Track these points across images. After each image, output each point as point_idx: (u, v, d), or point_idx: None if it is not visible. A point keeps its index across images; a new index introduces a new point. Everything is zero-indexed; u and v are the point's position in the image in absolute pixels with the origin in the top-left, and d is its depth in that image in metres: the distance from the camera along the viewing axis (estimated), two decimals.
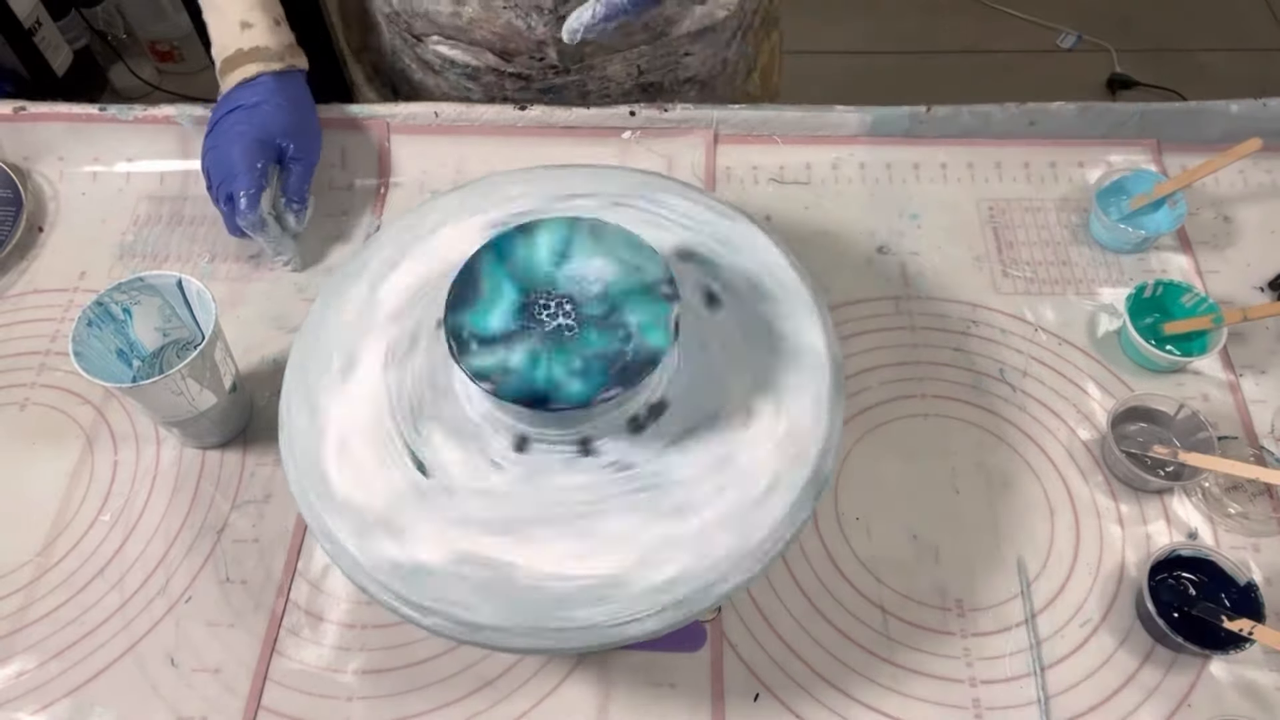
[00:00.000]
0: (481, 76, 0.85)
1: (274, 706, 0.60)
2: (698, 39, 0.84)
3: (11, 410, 0.72)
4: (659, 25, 0.81)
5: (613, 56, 0.83)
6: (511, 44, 0.80)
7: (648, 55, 0.83)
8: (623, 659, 0.61)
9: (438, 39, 0.82)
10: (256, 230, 0.73)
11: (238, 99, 0.74)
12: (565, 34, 0.62)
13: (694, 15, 0.82)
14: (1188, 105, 0.82)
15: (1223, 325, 0.69)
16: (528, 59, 0.81)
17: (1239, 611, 0.59)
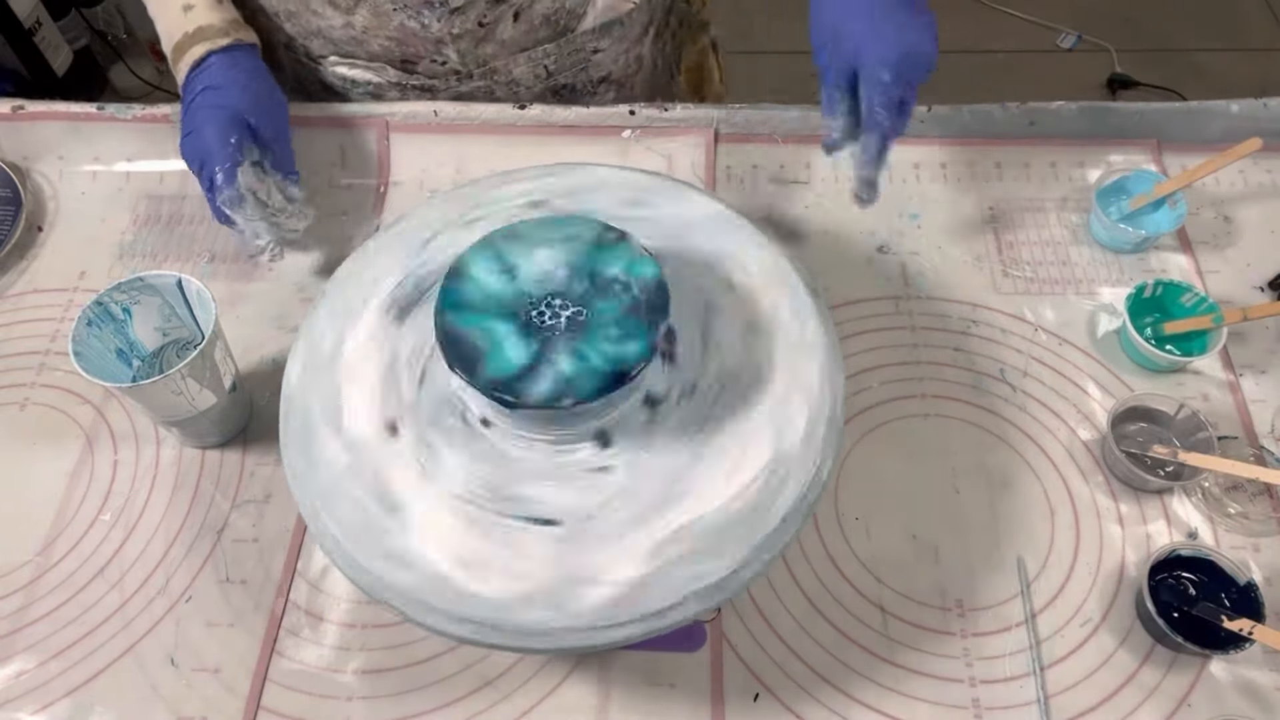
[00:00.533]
0: (386, 94, 0.84)
1: (274, 706, 0.60)
2: (604, 34, 0.83)
3: (11, 410, 0.72)
4: (562, 19, 0.80)
5: (517, 57, 0.81)
6: (409, 48, 0.79)
7: (554, 55, 0.82)
8: (623, 659, 0.61)
9: (335, 59, 0.82)
10: (235, 207, 0.70)
11: (195, 85, 0.73)
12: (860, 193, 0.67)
13: (597, 8, 0.80)
14: (1188, 105, 0.82)
15: (1223, 325, 0.69)
16: (429, 63, 0.80)
17: (1239, 611, 0.59)
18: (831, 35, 0.63)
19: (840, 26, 0.63)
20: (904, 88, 0.62)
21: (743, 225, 0.60)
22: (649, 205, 0.60)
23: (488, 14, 0.77)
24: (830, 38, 0.63)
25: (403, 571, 0.49)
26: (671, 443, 0.52)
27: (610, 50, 0.85)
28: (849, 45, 0.62)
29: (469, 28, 0.77)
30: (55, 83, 1.85)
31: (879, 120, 0.62)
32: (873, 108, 0.62)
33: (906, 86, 0.62)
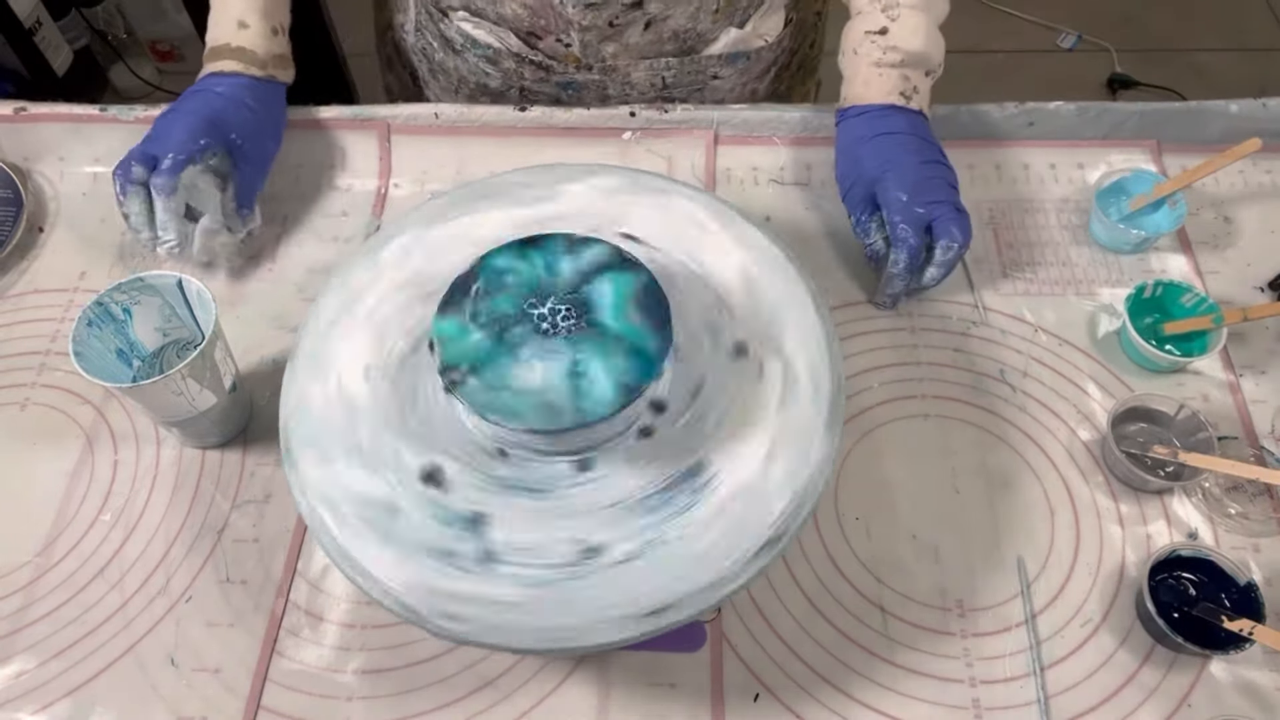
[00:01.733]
0: (502, 61, 0.84)
1: (274, 706, 0.60)
2: (728, 63, 0.84)
3: (11, 410, 0.72)
4: (690, 39, 0.81)
5: (638, 62, 0.82)
6: (540, 21, 0.79)
7: (675, 69, 0.83)
8: (623, 659, 0.61)
9: (464, 15, 0.82)
10: (164, 195, 0.71)
11: (207, 85, 0.75)
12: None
13: (729, 37, 0.82)
14: (1188, 105, 0.82)
15: (1223, 325, 0.69)
16: (553, 42, 0.81)
17: (1239, 611, 0.59)
18: (855, 173, 0.72)
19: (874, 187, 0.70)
20: (926, 205, 0.68)
21: (740, 222, 0.60)
22: (632, 209, 0.60)
23: (620, 16, 0.78)
24: (854, 176, 0.72)
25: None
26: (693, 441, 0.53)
27: (730, 79, 0.86)
28: (869, 176, 0.71)
29: (599, 24, 0.78)
30: (55, 83, 1.85)
31: (902, 235, 0.68)
32: (895, 223, 0.69)
33: (929, 204, 0.68)
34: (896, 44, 0.71)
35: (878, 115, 0.71)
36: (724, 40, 0.82)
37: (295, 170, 0.83)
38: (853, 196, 0.72)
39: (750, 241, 0.59)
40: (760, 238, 0.59)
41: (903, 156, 0.70)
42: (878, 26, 0.72)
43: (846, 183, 0.72)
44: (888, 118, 0.71)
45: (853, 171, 0.72)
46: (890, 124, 0.70)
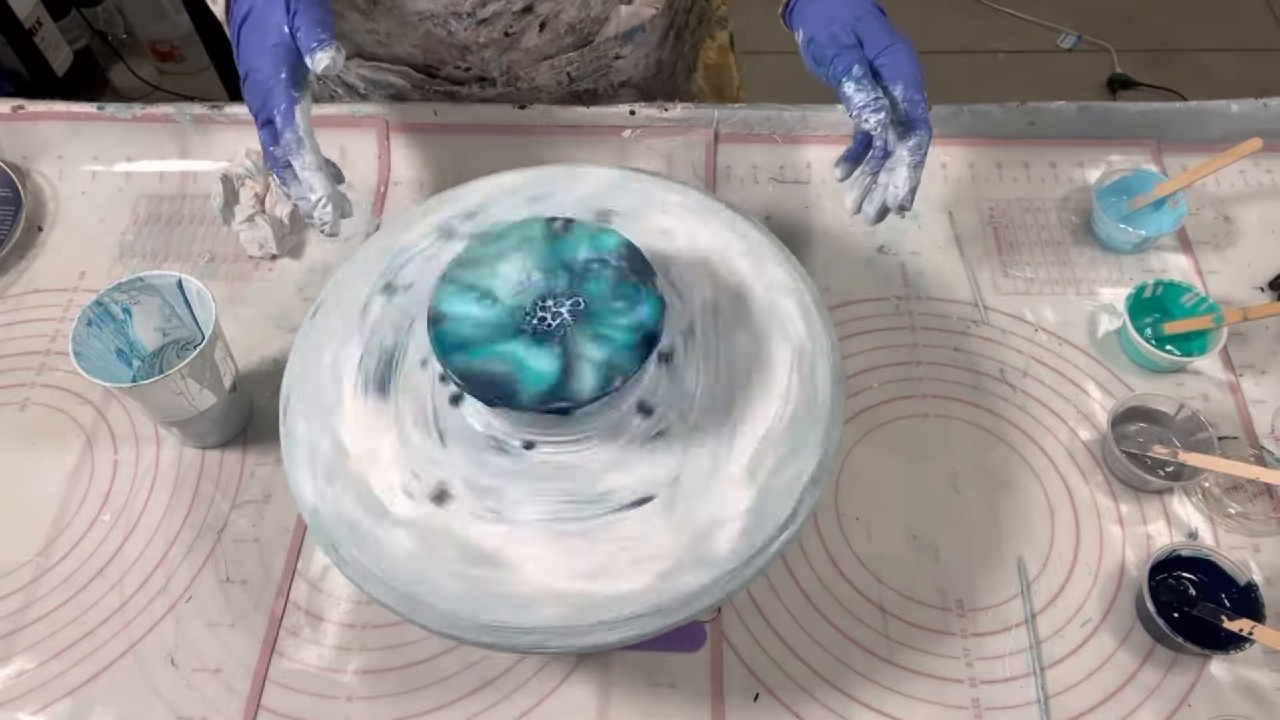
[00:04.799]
0: (407, 96, 0.84)
1: (274, 706, 0.60)
2: (626, 41, 0.83)
3: (11, 410, 0.72)
4: (586, 27, 0.80)
5: (540, 65, 0.82)
6: (434, 55, 0.79)
7: (576, 61, 0.83)
8: (623, 659, 0.61)
9: (358, 60, 0.82)
10: (295, 151, 0.59)
11: (237, 12, 0.62)
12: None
13: (620, 16, 0.81)
14: (1188, 105, 0.82)
15: (1223, 325, 0.69)
16: (452, 69, 0.80)
17: (1239, 611, 0.59)
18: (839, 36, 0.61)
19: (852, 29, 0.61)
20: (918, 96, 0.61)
21: (737, 221, 0.60)
22: (619, 213, 0.60)
23: (514, 24, 0.77)
24: (838, 39, 0.61)
25: (541, 608, 0.48)
26: (702, 388, 0.53)
27: (631, 56, 0.85)
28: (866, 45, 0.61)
29: (495, 37, 0.78)
30: (55, 83, 1.85)
31: (923, 113, 0.60)
32: (916, 100, 0.60)
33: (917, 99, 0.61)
34: None
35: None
36: (616, 20, 0.81)
37: None
38: (842, 55, 0.60)
39: (735, 225, 0.59)
40: (781, 276, 0.58)
41: (896, 30, 0.62)
42: None
43: (832, 41, 0.61)
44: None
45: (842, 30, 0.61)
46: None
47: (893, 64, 0.60)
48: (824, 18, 0.62)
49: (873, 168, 0.62)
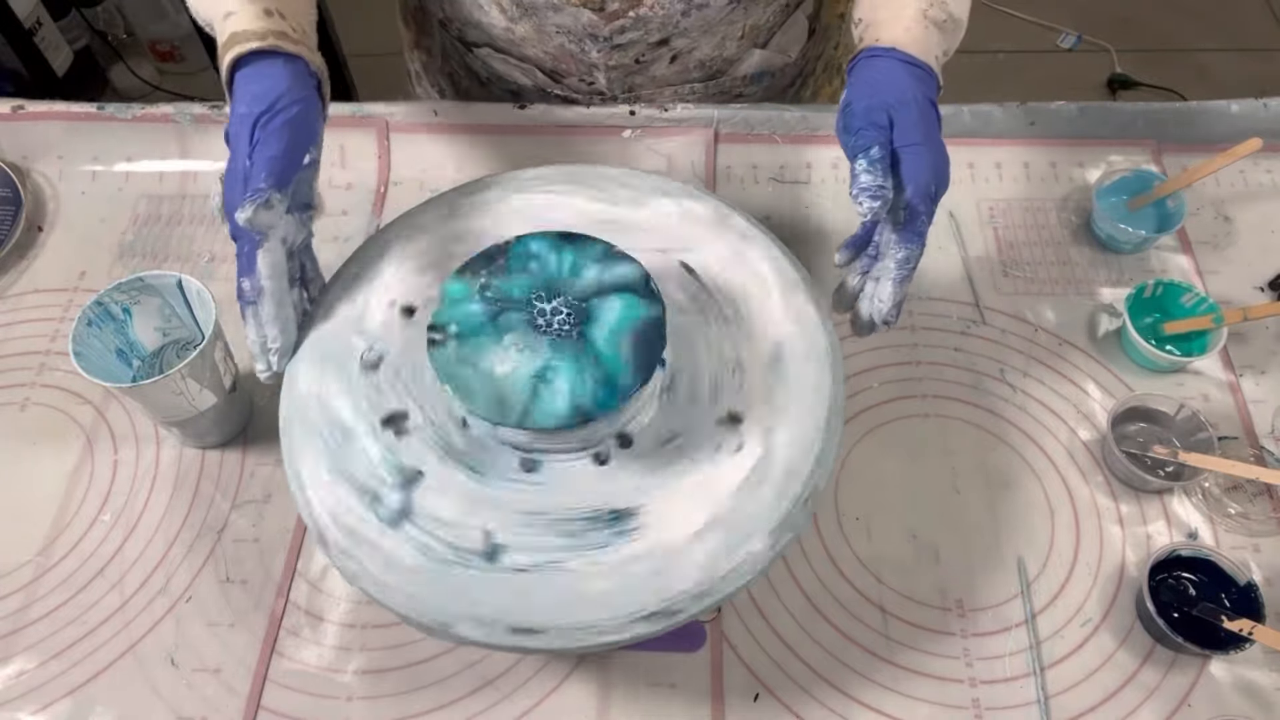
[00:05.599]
0: (526, 94, 0.84)
1: (274, 706, 0.60)
2: (754, 81, 0.84)
3: (11, 410, 0.72)
4: (717, 65, 0.81)
5: (664, 90, 0.82)
6: (562, 65, 0.79)
7: (700, 92, 0.83)
8: (623, 659, 0.61)
9: (489, 51, 0.82)
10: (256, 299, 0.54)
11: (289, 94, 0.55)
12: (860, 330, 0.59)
13: (754, 59, 0.81)
14: (1188, 105, 0.82)
15: (1223, 325, 0.69)
16: (576, 80, 0.81)
17: (1239, 611, 0.59)
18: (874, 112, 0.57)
19: (888, 110, 0.57)
20: (936, 207, 0.57)
21: (800, 294, 0.58)
22: (615, 217, 0.60)
23: (647, 54, 0.77)
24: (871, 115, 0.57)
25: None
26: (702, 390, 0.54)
27: (755, 95, 0.85)
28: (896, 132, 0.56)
29: (625, 62, 0.78)
30: (55, 83, 1.85)
31: (921, 229, 0.55)
32: (918, 210, 0.55)
33: (937, 206, 0.57)
34: (945, 1, 0.61)
35: (924, 74, 0.59)
36: (749, 62, 0.82)
37: None
38: (868, 131, 0.56)
39: (801, 318, 0.57)
40: (813, 315, 0.57)
41: (938, 138, 0.58)
42: None
43: (866, 114, 0.57)
44: (929, 82, 0.59)
45: (879, 108, 0.57)
46: (930, 89, 0.59)
47: (912, 163, 0.55)
48: (870, 87, 0.58)
49: (863, 266, 0.59)
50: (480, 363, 0.49)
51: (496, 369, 0.49)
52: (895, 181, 0.55)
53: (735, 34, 0.78)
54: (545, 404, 0.48)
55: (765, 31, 0.80)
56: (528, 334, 0.50)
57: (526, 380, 0.49)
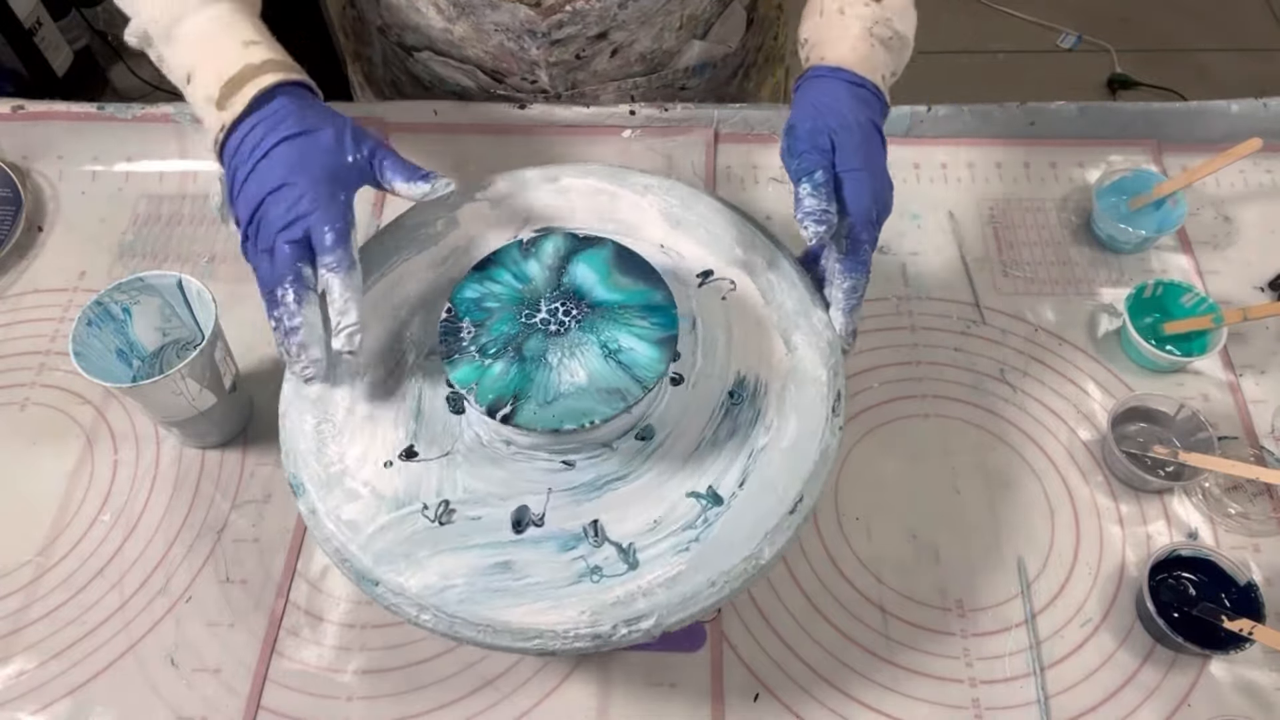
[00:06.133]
0: (471, 96, 0.84)
1: (274, 706, 0.60)
2: (696, 74, 0.84)
3: (11, 410, 0.72)
4: (657, 58, 0.81)
5: (607, 85, 0.82)
6: (503, 64, 0.79)
7: (643, 86, 0.83)
8: (623, 659, 0.61)
9: (429, 54, 0.82)
10: (344, 270, 0.52)
11: (284, 124, 0.54)
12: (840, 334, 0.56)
13: (694, 50, 0.81)
14: (1188, 105, 0.82)
15: (1223, 325, 0.69)
16: (519, 79, 0.81)
17: (1239, 611, 0.59)
18: (817, 136, 0.56)
19: (830, 134, 0.56)
20: (878, 233, 0.56)
21: (737, 220, 0.60)
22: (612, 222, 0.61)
23: (587, 48, 0.77)
24: (815, 138, 0.56)
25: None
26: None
27: (697, 88, 0.86)
28: (837, 156, 0.56)
29: (566, 58, 0.78)
30: (55, 83, 1.85)
31: (863, 255, 0.55)
32: (860, 238, 0.55)
33: (878, 232, 0.56)
34: (890, 19, 0.61)
35: (869, 95, 0.58)
36: (689, 54, 0.82)
37: None
38: (811, 155, 0.55)
39: (810, 317, 0.57)
40: (820, 315, 0.57)
41: (881, 163, 0.57)
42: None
43: (810, 137, 0.56)
44: (873, 105, 0.58)
45: (822, 130, 0.56)
46: (874, 112, 0.58)
47: (853, 188, 0.55)
48: (814, 109, 0.57)
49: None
50: (562, 391, 0.49)
51: (578, 382, 0.49)
52: (839, 206, 0.54)
53: (673, 24, 0.78)
54: (638, 362, 0.48)
55: (703, 23, 0.80)
56: (544, 336, 0.50)
57: (607, 364, 0.49)
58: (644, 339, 0.50)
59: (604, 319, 0.51)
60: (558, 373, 0.49)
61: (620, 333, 0.50)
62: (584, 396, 0.48)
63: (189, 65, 0.57)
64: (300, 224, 0.52)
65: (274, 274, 0.52)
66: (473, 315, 0.51)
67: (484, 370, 0.49)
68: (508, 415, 0.48)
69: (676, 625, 0.48)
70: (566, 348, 0.50)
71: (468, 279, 0.53)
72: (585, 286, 0.52)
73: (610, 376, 0.49)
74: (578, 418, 0.48)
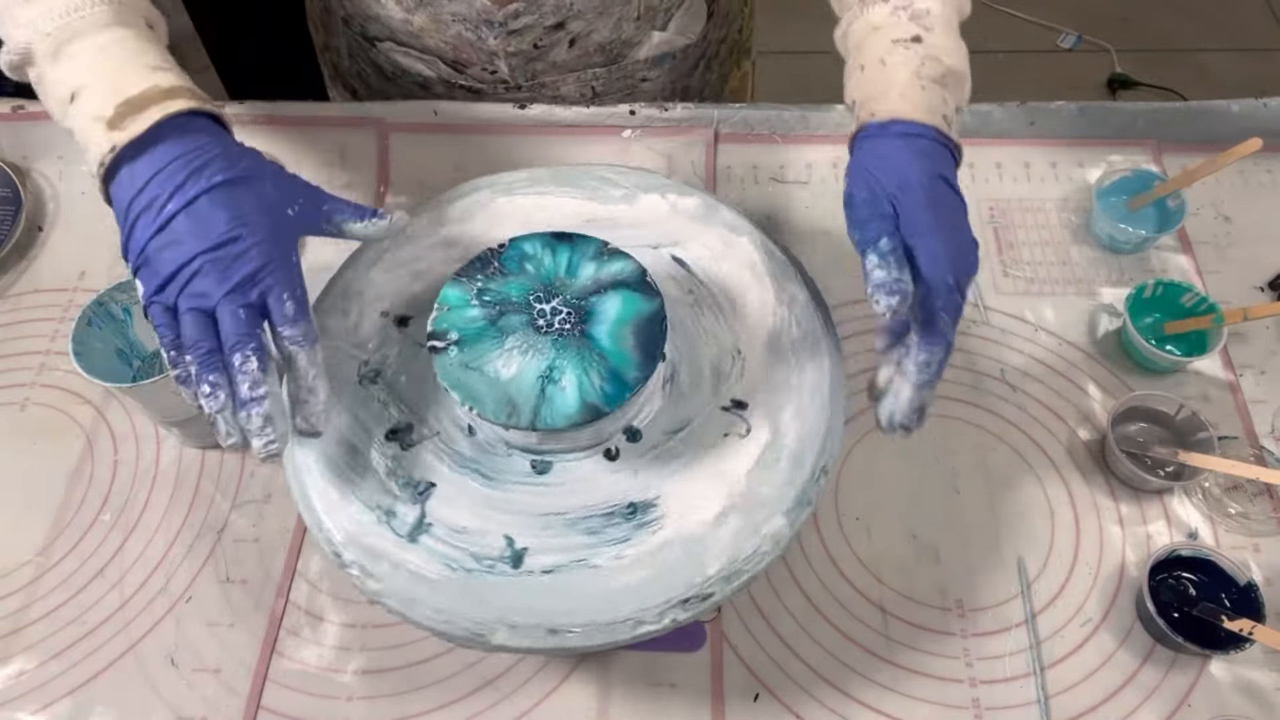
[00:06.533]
0: (433, 86, 0.84)
1: (274, 706, 0.60)
2: (656, 65, 0.84)
3: (11, 410, 0.72)
4: (616, 49, 0.81)
5: (566, 76, 0.82)
6: (463, 54, 0.79)
7: (603, 78, 0.83)
8: (623, 659, 0.61)
9: (391, 45, 0.82)
10: (308, 344, 0.49)
11: (211, 166, 0.49)
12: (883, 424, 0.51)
13: (652, 41, 0.81)
14: (1188, 105, 0.82)
15: (1223, 325, 0.69)
16: (479, 70, 0.81)
17: (1239, 611, 0.59)
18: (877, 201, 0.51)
19: (891, 197, 0.51)
20: (962, 297, 0.50)
21: (792, 282, 0.59)
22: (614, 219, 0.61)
23: (544, 38, 0.77)
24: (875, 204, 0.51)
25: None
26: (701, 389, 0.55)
27: (659, 80, 0.85)
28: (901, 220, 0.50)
29: (524, 48, 0.78)
30: None
31: (942, 326, 0.49)
32: (935, 308, 0.49)
33: (963, 297, 0.50)
34: (938, 56, 0.55)
35: (929, 145, 0.52)
36: (648, 45, 0.82)
37: (294, 169, 0.82)
38: (873, 223, 0.50)
39: (794, 300, 0.58)
40: (804, 298, 0.58)
41: (955, 221, 0.51)
42: (909, 35, 0.56)
43: (869, 205, 0.51)
44: (937, 154, 0.52)
45: (881, 197, 0.51)
46: (939, 163, 0.52)
47: (925, 255, 0.49)
48: (869, 175, 0.52)
49: (899, 355, 0.52)
50: (484, 367, 0.49)
51: (501, 372, 0.49)
52: (914, 273, 0.49)
53: (631, 15, 0.78)
54: (553, 404, 0.48)
55: (662, 13, 0.80)
56: (529, 335, 0.50)
57: (533, 382, 0.49)
58: (580, 391, 0.49)
59: (580, 350, 0.50)
60: (502, 355, 0.50)
61: (573, 370, 0.50)
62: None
63: (76, 84, 0.51)
64: (254, 288, 0.48)
65: (232, 338, 0.47)
66: (509, 261, 0.53)
67: (465, 303, 0.51)
68: (436, 349, 0.50)
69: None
70: (532, 345, 0.50)
71: (536, 236, 0.54)
72: (598, 316, 0.51)
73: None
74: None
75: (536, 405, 0.48)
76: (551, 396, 0.48)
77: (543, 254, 0.53)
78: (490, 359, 0.50)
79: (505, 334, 0.50)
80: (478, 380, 0.49)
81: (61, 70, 0.52)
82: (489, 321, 0.51)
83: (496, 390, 0.49)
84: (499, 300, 0.51)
